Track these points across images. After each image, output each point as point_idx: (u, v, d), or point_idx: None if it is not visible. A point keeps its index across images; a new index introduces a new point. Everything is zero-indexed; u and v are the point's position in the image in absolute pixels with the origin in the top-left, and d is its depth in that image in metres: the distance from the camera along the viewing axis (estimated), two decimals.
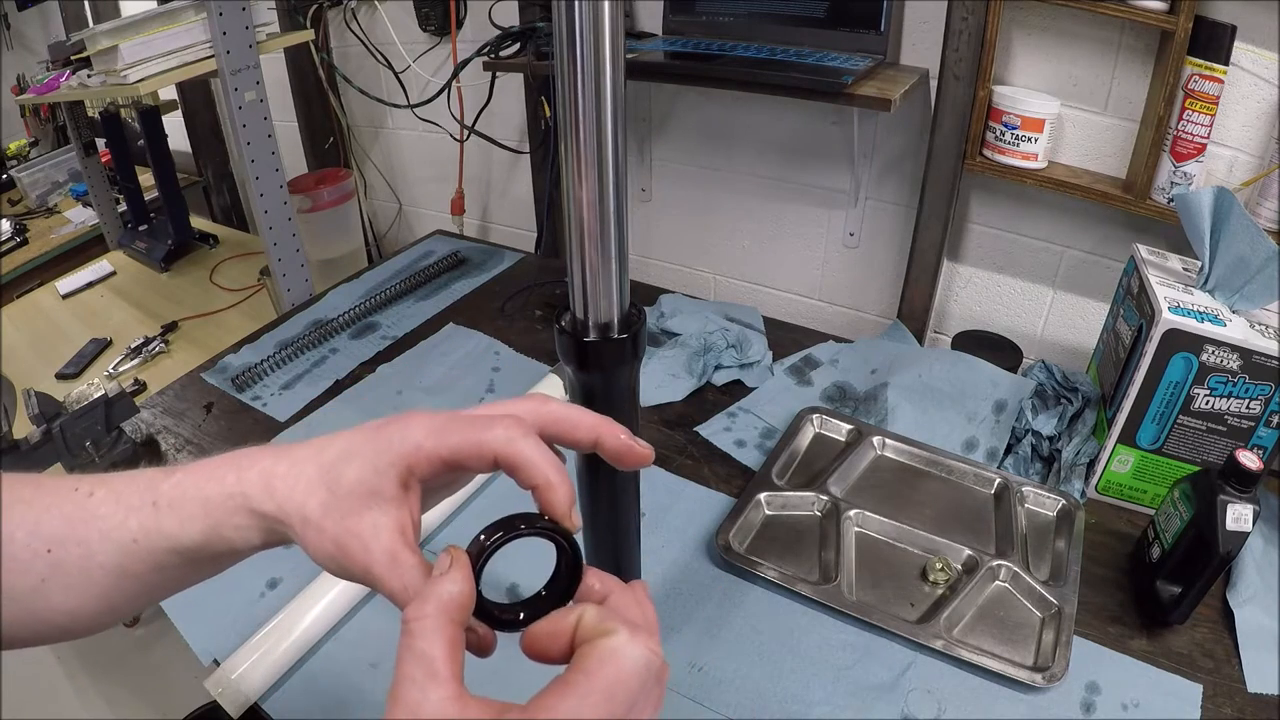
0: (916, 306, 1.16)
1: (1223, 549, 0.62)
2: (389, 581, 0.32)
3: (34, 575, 0.34)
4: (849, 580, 0.72)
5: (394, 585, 0.32)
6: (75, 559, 0.34)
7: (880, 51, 1.03)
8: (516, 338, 1.12)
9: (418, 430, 0.34)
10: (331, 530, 0.33)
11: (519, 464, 0.33)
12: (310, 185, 1.53)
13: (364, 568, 0.32)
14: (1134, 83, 0.94)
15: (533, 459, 0.33)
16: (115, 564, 0.34)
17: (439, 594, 0.30)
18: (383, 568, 0.32)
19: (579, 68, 0.36)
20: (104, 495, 0.35)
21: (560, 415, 0.36)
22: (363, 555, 0.32)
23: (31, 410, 0.99)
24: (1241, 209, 0.72)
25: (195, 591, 0.73)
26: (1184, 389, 0.73)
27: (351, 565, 0.33)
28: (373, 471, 0.33)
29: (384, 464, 0.33)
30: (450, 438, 0.34)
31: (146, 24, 1.09)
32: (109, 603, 0.35)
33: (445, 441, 0.34)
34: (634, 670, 0.29)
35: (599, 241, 0.40)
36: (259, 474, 0.34)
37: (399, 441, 0.34)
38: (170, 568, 0.35)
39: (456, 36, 1.42)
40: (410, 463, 0.34)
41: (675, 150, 1.34)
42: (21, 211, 2.13)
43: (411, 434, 0.34)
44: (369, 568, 0.32)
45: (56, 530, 0.34)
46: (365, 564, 0.32)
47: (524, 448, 0.33)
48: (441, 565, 0.31)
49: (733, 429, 0.93)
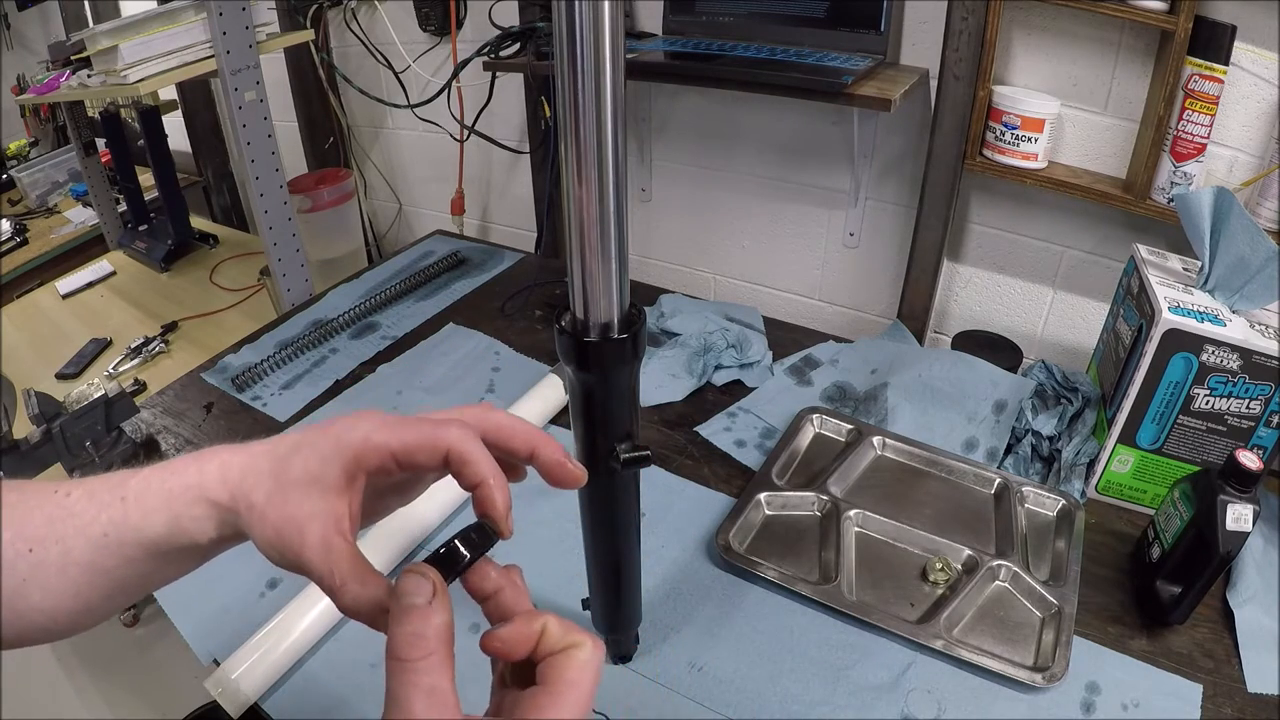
0: (916, 306, 1.16)
1: (1223, 549, 0.62)
2: (319, 566, 0.33)
3: (17, 575, 0.35)
4: (849, 580, 0.72)
5: (323, 570, 0.33)
6: (54, 557, 0.35)
7: (880, 51, 1.03)
8: (516, 338, 1.12)
9: (367, 424, 0.35)
10: (273, 517, 0.34)
11: (469, 460, 0.35)
12: (310, 185, 1.53)
13: (297, 553, 0.33)
14: (1134, 83, 0.94)
15: (480, 459, 0.35)
16: (88, 560, 0.35)
17: (436, 626, 0.31)
18: (314, 553, 0.33)
19: (579, 68, 0.36)
20: (79, 494, 0.36)
21: (503, 424, 0.38)
22: (297, 541, 0.33)
23: (31, 410, 0.99)
24: (1241, 209, 0.72)
25: (195, 591, 0.74)
26: (1184, 389, 0.73)
27: (287, 551, 0.34)
28: (319, 461, 0.35)
29: (330, 454, 0.35)
30: (403, 432, 0.35)
31: (146, 24, 1.09)
32: (84, 600, 0.36)
33: (397, 435, 0.35)
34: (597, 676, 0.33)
35: (599, 241, 0.41)
36: (217, 466, 0.36)
37: (347, 434, 0.35)
38: (138, 561, 0.36)
39: (456, 36, 1.42)
40: (357, 453, 0.35)
41: (675, 150, 1.34)
42: (21, 211, 2.13)
43: (361, 427, 0.35)
44: (301, 553, 0.33)
45: (38, 530, 0.35)
46: (299, 550, 0.33)
47: (475, 447, 0.35)
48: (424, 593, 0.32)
49: (733, 429, 0.93)
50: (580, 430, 0.49)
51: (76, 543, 0.35)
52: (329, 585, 0.33)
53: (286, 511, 0.34)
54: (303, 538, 0.33)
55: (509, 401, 0.93)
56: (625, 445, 0.48)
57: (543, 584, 0.72)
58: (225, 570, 0.75)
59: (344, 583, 0.33)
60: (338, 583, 0.33)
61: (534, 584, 0.35)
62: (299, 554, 0.33)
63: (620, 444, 0.48)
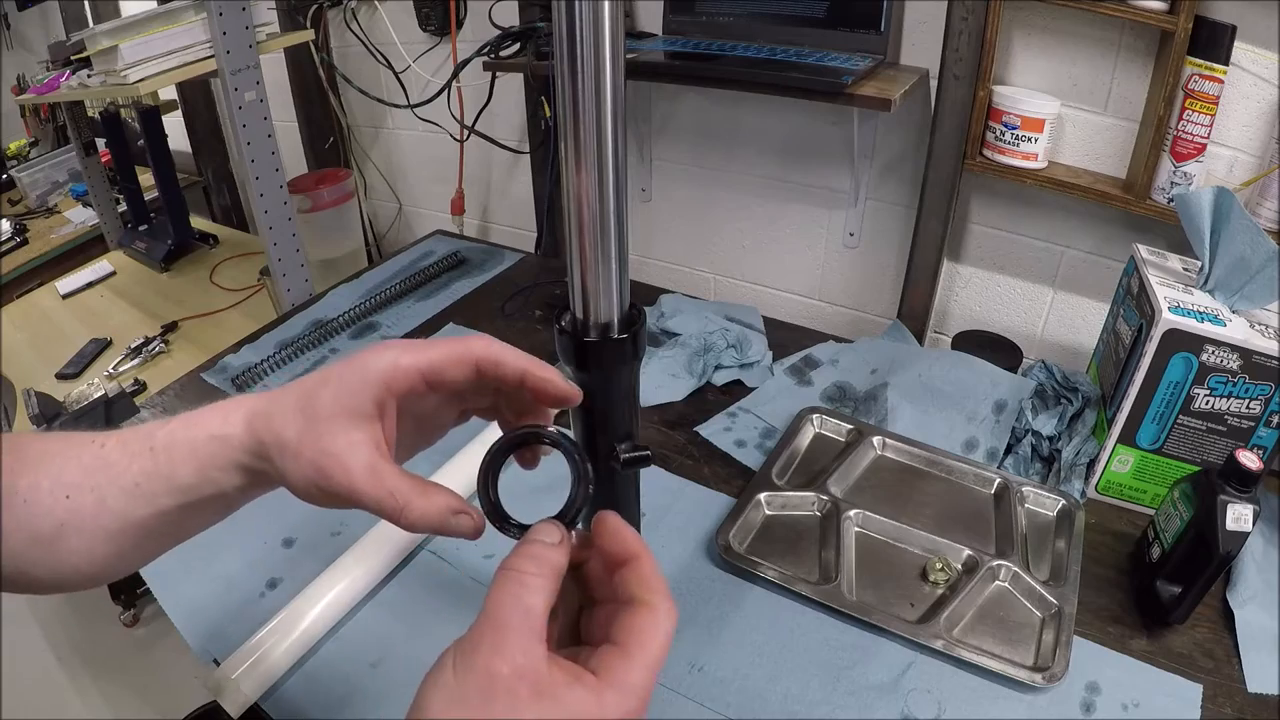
0: (916, 306, 1.16)
1: (1223, 549, 0.62)
2: (372, 492, 0.34)
3: (54, 520, 0.36)
4: (849, 580, 0.72)
5: (380, 494, 0.34)
6: (89, 505, 0.36)
7: (880, 51, 1.03)
8: (516, 338, 1.12)
9: (392, 351, 0.36)
10: (309, 454, 0.34)
11: (501, 360, 0.36)
12: (310, 185, 1.53)
13: (346, 487, 0.34)
14: (1134, 83, 0.94)
15: (511, 354, 0.36)
16: (121, 509, 0.36)
17: (552, 560, 0.33)
18: (364, 482, 0.34)
19: (579, 68, 0.36)
20: (114, 444, 0.37)
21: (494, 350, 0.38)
22: (343, 474, 0.34)
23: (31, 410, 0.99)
24: (1241, 209, 0.72)
25: (195, 591, 0.74)
26: (1184, 389, 0.73)
27: (332, 486, 0.34)
28: (348, 394, 0.35)
29: (358, 384, 0.35)
30: (429, 352, 0.36)
31: (146, 24, 1.09)
32: (117, 547, 0.37)
33: (424, 355, 0.36)
34: (669, 637, 0.33)
35: (599, 241, 0.40)
36: (243, 414, 0.36)
37: (374, 362, 0.35)
38: (169, 511, 0.37)
39: (456, 36, 1.42)
40: (386, 379, 0.35)
41: (675, 150, 1.34)
42: (21, 211, 2.13)
43: (386, 354, 0.36)
44: (351, 485, 0.34)
45: (75, 478, 0.36)
46: (347, 483, 0.34)
47: (501, 348, 0.36)
48: (552, 536, 0.34)
49: (733, 429, 0.93)
50: (580, 430, 0.49)
51: (110, 491, 0.36)
52: (391, 508, 0.33)
53: (322, 445, 0.34)
54: (347, 471, 0.34)
55: None
56: (625, 445, 0.48)
57: None
58: (225, 570, 0.75)
59: (407, 501, 0.33)
60: (400, 503, 0.33)
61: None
62: (348, 487, 0.33)
63: (620, 444, 0.48)
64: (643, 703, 0.31)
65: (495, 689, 0.29)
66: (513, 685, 0.29)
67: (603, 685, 0.31)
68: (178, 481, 0.36)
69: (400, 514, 0.34)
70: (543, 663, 0.30)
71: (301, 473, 0.34)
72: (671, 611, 0.33)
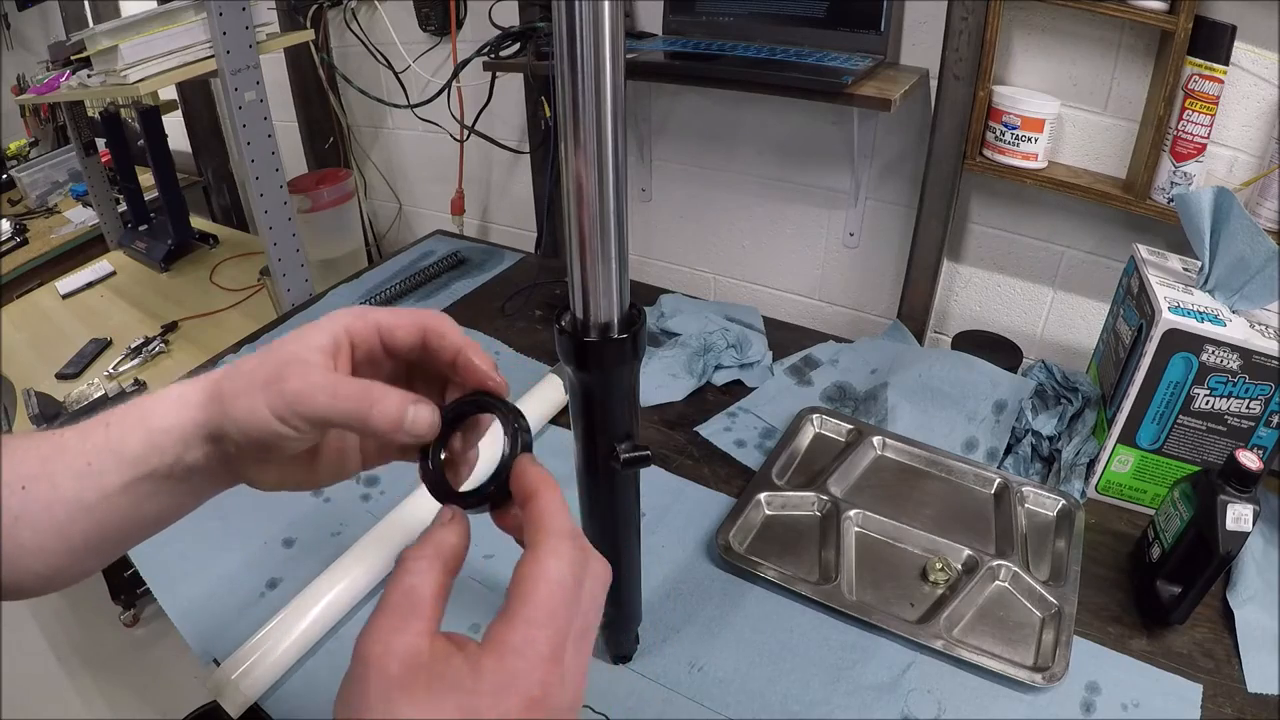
0: (916, 306, 1.16)
1: (1223, 549, 0.62)
2: (338, 388, 0.34)
3: (11, 514, 0.35)
4: (849, 580, 0.72)
5: (347, 392, 0.34)
6: (43, 494, 0.35)
7: (880, 51, 1.03)
8: (516, 338, 1.12)
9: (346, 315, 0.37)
10: (269, 370, 0.34)
11: (445, 332, 0.37)
12: (310, 185, 1.53)
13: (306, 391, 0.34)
14: (1134, 83, 0.94)
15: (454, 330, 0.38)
16: (73, 495, 0.35)
17: (437, 541, 0.32)
18: (325, 380, 0.34)
19: (579, 68, 0.36)
20: (72, 430, 0.37)
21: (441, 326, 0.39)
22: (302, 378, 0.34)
23: (31, 410, 0.99)
24: (1241, 209, 0.72)
25: (195, 591, 0.74)
26: (1184, 389, 0.73)
27: (289, 393, 0.34)
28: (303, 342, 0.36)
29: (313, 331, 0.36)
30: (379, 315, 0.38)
31: (146, 24, 1.09)
32: (67, 541, 0.36)
33: (380, 313, 0.38)
34: (560, 583, 0.30)
35: (599, 241, 0.40)
36: (204, 380, 0.37)
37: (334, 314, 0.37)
38: (117, 493, 0.36)
39: (456, 36, 1.42)
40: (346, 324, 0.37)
41: (675, 150, 1.34)
42: (21, 211, 2.13)
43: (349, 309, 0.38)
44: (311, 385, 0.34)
45: (32, 469, 0.35)
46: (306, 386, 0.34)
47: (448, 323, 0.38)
48: (443, 517, 0.33)
49: (733, 429, 0.93)
50: (580, 430, 0.49)
51: (64, 478, 0.35)
52: (359, 405, 0.33)
53: (282, 358, 0.34)
54: (307, 370, 0.34)
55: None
56: (625, 445, 0.48)
57: None
58: (225, 570, 0.75)
59: (377, 397, 0.33)
60: (372, 397, 0.33)
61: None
62: (309, 388, 0.33)
63: (620, 444, 0.48)
64: (535, 664, 0.28)
65: (368, 671, 0.28)
66: (384, 664, 0.28)
67: (481, 651, 0.29)
68: (127, 453, 0.35)
69: (369, 411, 0.33)
70: (419, 638, 0.29)
71: (257, 402, 0.34)
72: (561, 550, 0.31)
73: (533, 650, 0.28)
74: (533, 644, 0.29)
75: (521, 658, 0.28)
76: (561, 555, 0.31)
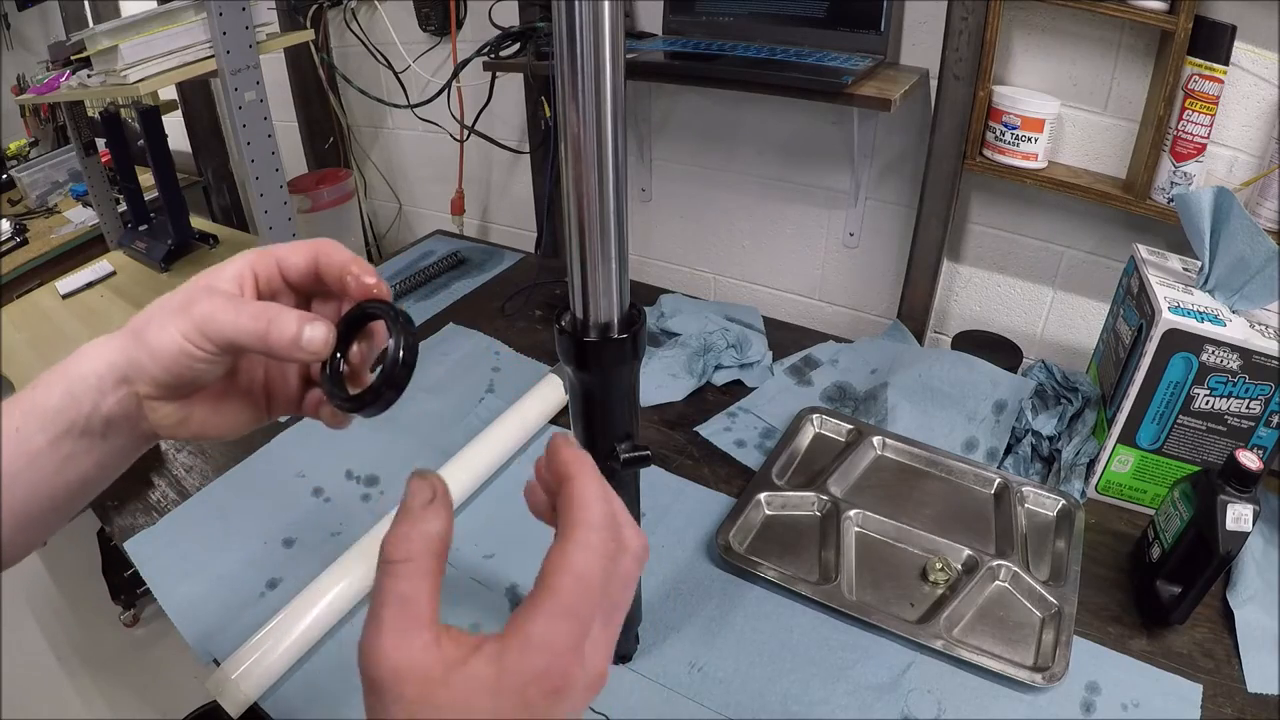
0: (916, 306, 1.16)
1: (1223, 549, 0.62)
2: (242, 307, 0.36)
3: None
4: (849, 580, 0.72)
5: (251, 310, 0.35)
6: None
7: (880, 51, 1.03)
8: (516, 338, 1.12)
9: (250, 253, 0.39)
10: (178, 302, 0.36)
11: (331, 252, 0.39)
12: (310, 185, 1.53)
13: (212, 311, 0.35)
14: (1134, 83, 0.94)
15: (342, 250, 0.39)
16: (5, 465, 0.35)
17: (425, 533, 0.30)
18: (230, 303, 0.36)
19: (579, 68, 0.36)
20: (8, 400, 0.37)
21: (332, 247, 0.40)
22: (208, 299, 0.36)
23: None
24: (1241, 209, 0.72)
25: (195, 591, 0.74)
26: (1184, 389, 0.73)
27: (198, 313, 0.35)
28: (208, 276, 0.38)
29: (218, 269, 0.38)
30: (278, 248, 0.40)
31: (146, 24, 1.09)
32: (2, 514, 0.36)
33: (274, 251, 0.39)
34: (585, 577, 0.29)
35: (599, 241, 0.41)
36: (117, 331, 0.37)
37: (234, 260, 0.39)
38: (42, 456, 0.36)
39: (456, 36, 1.42)
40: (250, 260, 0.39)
41: (675, 150, 1.34)
42: (21, 211, 2.13)
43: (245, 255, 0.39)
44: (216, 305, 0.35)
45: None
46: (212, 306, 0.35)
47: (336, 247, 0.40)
48: (423, 496, 0.31)
49: (733, 429, 0.93)
50: (580, 430, 0.49)
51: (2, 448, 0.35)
52: (260, 330, 0.35)
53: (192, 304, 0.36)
54: (213, 291, 0.36)
55: (509, 401, 0.93)
56: (625, 445, 0.48)
57: None
58: (225, 570, 0.75)
59: (275, 313, 0.35)
60: (273, 314, 0.35)
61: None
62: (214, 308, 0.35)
63: (620, 444, 0.48)
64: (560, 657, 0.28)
65: (384, 699, 0.27)
66: (400, 692, 0.27)
67: (502, 647, 0.28)
68: (48, 409, 0.36)
69: (268, 329, 0.35)
70: (426, 652, 0.28)
71: (168, 328, 0.35)
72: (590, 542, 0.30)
73: (556, 642, 0.28)
74: (556, 637, 0.28)
75: (543, 652, 0.28)
76: (590, 547, 0.30)
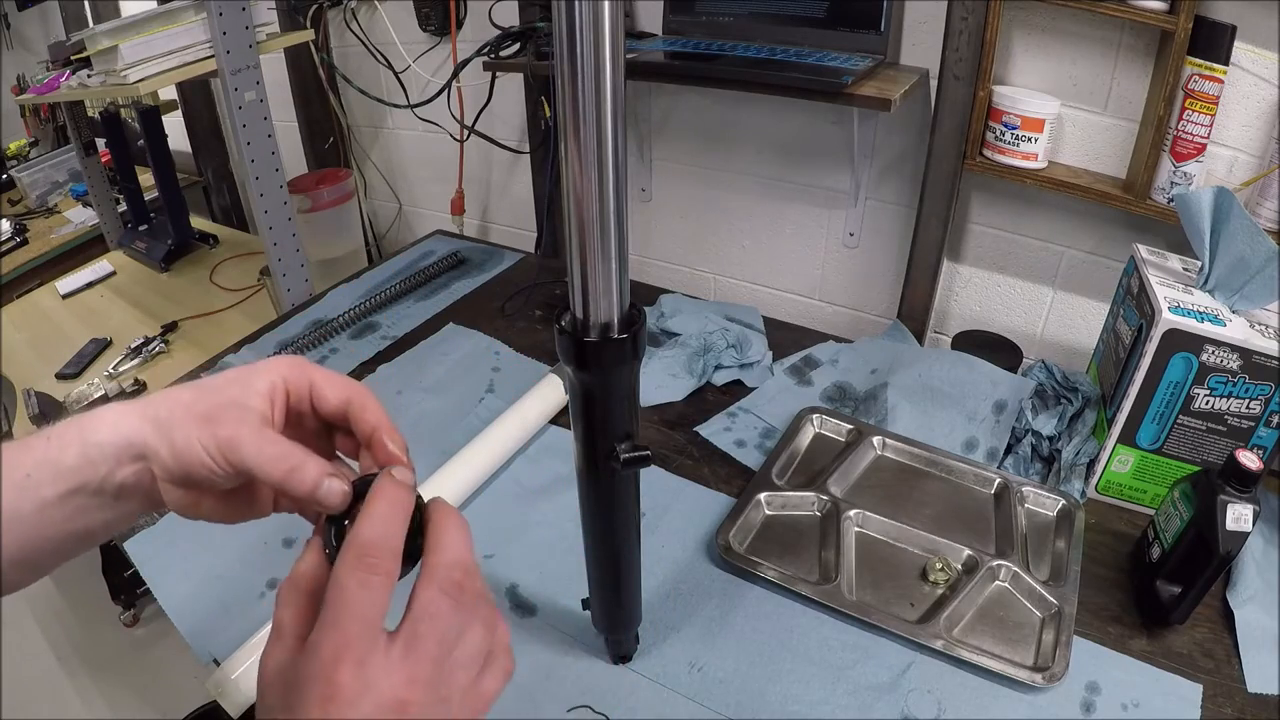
0: (916, 306, 1.16)
1: (1223, 549, 0.62)
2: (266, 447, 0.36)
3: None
4: (849, 580, 0.72)
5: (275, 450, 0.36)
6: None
7: (880, 51, 1.03)
8: (516, 338, 1.12)
9: (284, 365, 0.40)
10: (201, 411, 0.36)
11: (369, 407, 0.39)
12: (310, 185, 1.53)
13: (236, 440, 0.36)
14: (1134, 83, 0.94)
15: (377, 406, 0.40)
16: (12, 506, 0.36)
17: (291, 573, 0.35)
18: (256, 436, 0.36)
19: (579, 68, 0.36)
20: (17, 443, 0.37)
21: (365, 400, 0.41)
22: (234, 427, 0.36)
23: (32, 410, 0.99)
24: (1241, 209, 0.72)
25: (195, 591, 0.74)
26: (1184, 389, 0.73)
27: (222, 437, 0.36)
28: (240, 385, 0.38)
29: (250, 376, 0.38)
30: (314, 372, 0.40)
31: (146, 24, 1.09)
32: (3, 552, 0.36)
33: (310, 374, 0.40)
34: (360, 594, 0.32)
35: (599, 241, 0.41)
36: (139, 403, 0.38)
37: (271, 363, 0.40)
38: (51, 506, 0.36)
39: (456, 36, 1.42)
40: (284, 374, 0.39)
41: (675, 150, 1.34)
42: (21, 211, 2.13)
43: (279, 366, 0.40)
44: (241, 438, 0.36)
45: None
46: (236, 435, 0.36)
47: (372, 398, 0.40)
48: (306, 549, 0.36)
49: (733, 429, 0.93)
50: (580, 430, 0.49)
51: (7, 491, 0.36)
52: (283, 467, 0.35)
53: (219, 421, 0.36)
54: (240, 421, 0.36)
55: (509, 401, 0.93)
56: (625, 445, 0.48)
57: (543, 584, 0.72)
58: (225, 570, 0.75)
59: (300, 460, 0.35)
60: (296, 460, 0.35)
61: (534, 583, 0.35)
62: (238, 438, 0.35)
63: (620, 444, 0.48)
64: (325, 665, 0.30)
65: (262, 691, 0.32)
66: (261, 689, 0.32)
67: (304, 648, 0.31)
68: (63, 465, 0.36)
69: (288, 475, 0.35)
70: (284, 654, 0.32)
71: (192, 434, 0.36)
72: (393, 491, 0.35)
73: (323, 650, 0.31)
74: (322, 645, 0.31)
75: (311, 658, 0.31)
76: (397, 491, 0.35)
